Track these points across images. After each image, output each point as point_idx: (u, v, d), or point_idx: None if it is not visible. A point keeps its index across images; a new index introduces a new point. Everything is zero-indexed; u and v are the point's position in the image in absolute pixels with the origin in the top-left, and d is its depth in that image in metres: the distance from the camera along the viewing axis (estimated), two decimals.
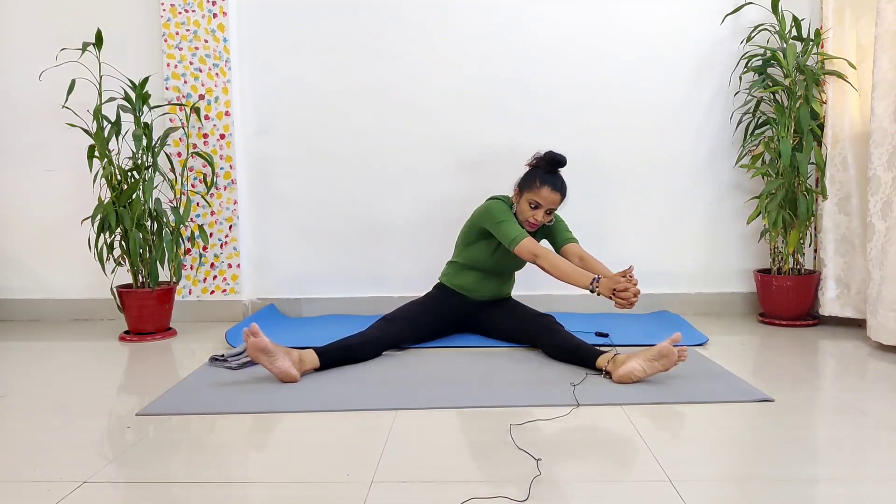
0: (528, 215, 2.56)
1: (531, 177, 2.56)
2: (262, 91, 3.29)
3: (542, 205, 2.53)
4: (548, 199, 2.52)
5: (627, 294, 2.25)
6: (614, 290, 2.27)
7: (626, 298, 2.25)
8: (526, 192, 2.56)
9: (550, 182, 2.53)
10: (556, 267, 2.41)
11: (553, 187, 2.52)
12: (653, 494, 1.44)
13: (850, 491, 1.45)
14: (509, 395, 2.07)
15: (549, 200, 2.53)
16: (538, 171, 2.56)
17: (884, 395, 2.07)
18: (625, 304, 2.26)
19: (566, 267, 2.40)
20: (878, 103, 2.60)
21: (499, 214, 2.55)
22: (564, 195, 2.58)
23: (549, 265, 2.43)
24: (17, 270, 3.41)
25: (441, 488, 1.48)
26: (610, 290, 2.28)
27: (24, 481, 1.55)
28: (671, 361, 2.11)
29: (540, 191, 2.52)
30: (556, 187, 2.53)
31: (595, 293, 2.32)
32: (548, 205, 2.54)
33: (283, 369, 2.17)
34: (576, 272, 2.38)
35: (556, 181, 2.55)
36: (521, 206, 2.58)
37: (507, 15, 3.22)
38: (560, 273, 2.40)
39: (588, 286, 2.32)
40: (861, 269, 2.89)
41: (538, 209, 2.54)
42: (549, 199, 2.52)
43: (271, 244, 3.36)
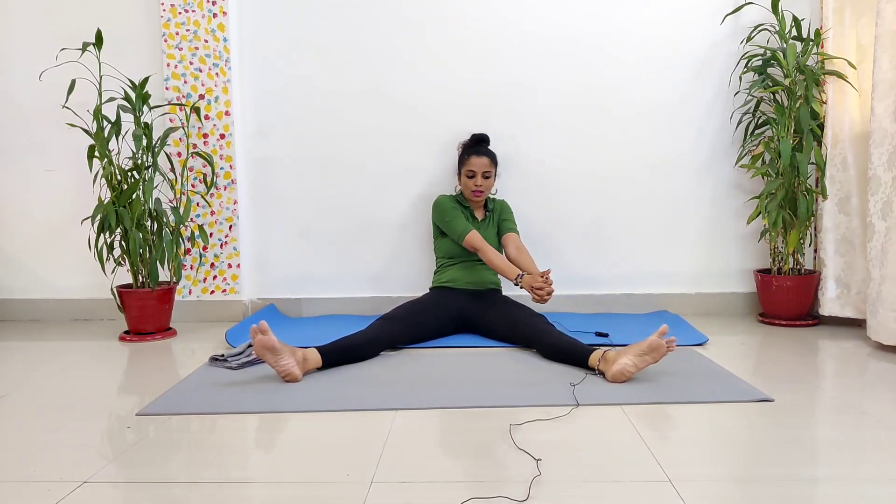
0: (469, 186, 2.89)
1: (462, 156, 2.95)
2: (262, 91, 3.29)
3: (475, 171, 2.87)
4: (477, 164, 2.87)
5: (541, 292, 2.59)
6: (532, 287, 2.60)
7: (541, 296, 2.59)
8: (462, 169, 2.92)
9: (476, 152, 2.90)
10: (490, 261, 2.76)
11: (478, 154, 2.90)
12: (653, 494, 1.44)
13: (850, 491, 1.45)
14: (509, 395, 2.07)
15: (479, 165, 2.87)
16: (465, 149, 2.97)
17: (884, 395, 2.07)
18: (539, 299, 2.59)
19: (498, 261, 2.75)
20: (878, 103, 2.60)
21: (446, 212, 2.89)
22: (493, 159, 2.92)
23: (486, 258, 2.78)
24: (17, 270, 3.41)
25: (441, 488, 1.48)
26: (529, 286, 2.62)
27: (24, 481, 1.55)
28: (660, 354, 2.12)
29: (469, 160, 2.89)
30: (481, 153, 2.90)
31: (518, 286, 2.67)
32: (480, 169, 2.87)
33: (286, 368, 2.17)
34: (506, 266, 2.72)
35: (480, 149, 2.92)
36: (463, 183, 2.93)
37: (508, 15, 3.22)
38: (493, 266, 2.76)
39: (513, 279, 2.66)
40: (861, 269, 2.89)
41: (475, 176, 2.87)
42: (478, 164, 2.87)
43: (271, 244, 3.36)
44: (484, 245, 2.78)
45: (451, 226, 2.85)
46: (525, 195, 3.27)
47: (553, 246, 3.29)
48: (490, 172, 2.89)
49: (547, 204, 3.27)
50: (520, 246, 2.90)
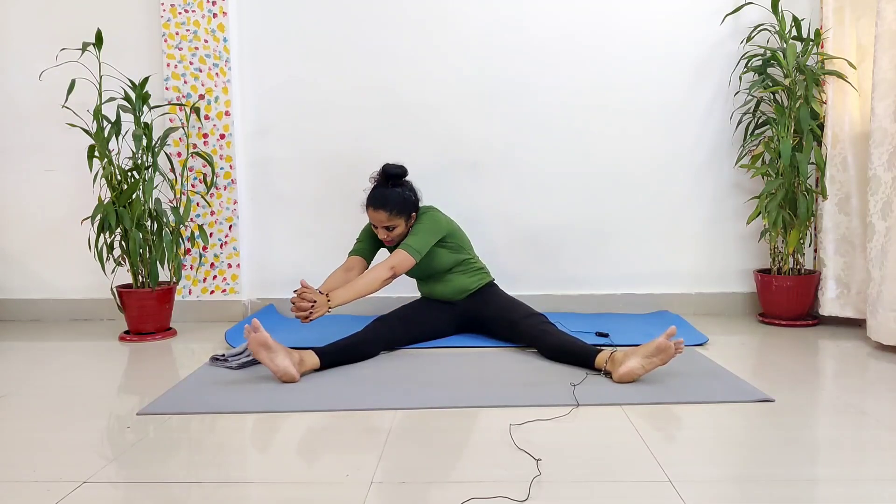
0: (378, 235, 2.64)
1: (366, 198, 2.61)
2: (262, 91, 3.29)
3: (376, 224, 2.60)
4: (374, 218, 2.58)
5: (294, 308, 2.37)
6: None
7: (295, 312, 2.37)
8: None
9: (371, 202, 2.57)
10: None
11: (374, 206, 2.56)
12: (653, 494, 1.44)
13: (850, 491, 1.45)
14: (509, 395, 2.07)
15: (375, 219, 2.58)
16: (370, 192, 2.62)
17: (884, 395, 2.07)
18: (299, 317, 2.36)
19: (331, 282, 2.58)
20: (878, 103, 2.60)
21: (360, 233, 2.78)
22: (391, 209, 2.56)
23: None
24: (17, 270, 3.41)
25: (441, 488, 1.48)
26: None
27: (24, 481, 1.55)
28: (669, 355, 2.11)
29: (368, 212, 2.60)
30: (376, 205, 2.55)
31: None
32: (378, 223, 2.58)
33: (282, 368, 2.17)
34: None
35: (376, 198, 2.56)
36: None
37: (508, 15, 3.21)
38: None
39: None
40: (861, 269, 2.89)
41: (378, 229, 2.61)
42: (374, 218, 2.58)
43: (271, 244, 3.36)
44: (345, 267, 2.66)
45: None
46: (524, 195, 3.27)
47: (553, 246, 3.29)
48: (394, 224, 2.57)
49: (547, 204, 3.27)
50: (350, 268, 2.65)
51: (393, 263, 2.52)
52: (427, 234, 2.61)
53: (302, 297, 2.36)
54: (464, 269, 2.74)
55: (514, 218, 3.27)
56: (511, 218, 3.28)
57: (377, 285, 2.50)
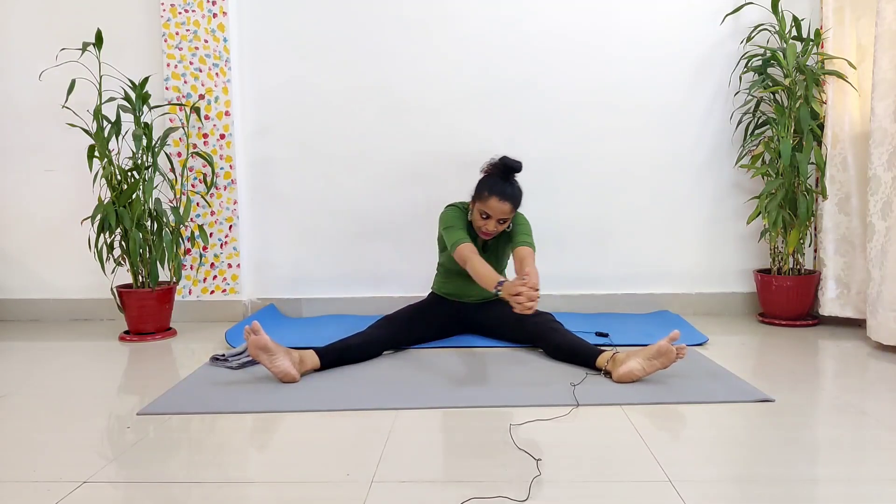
0: (479, 224, 2.51)
1: (482, 186, 2.50)
2: (262, 91, 3.29)
3: (491, 215, 2.47)
4: (496, 209, 2.45)
5: (520, 298, 2.12)
6: (510, 293, 2.17)
7: (521, 302, 2.12)
8: (477, 202, 2.50)
9: (499, 192, 2.45)
10: (474, 271, 2.34)
11: (501, 197, 2.44)
12: (653, 494, 1.44)
13: (850, 491, 1.45)
14: (509, 395, 2.07)
15: (497, 211, 2.45)
16: (489, 180, 2.50)
17: (884, 395, 2.07)
18: (518, 307, 2.13)
19: (482, 270, 2.32)
20: (878, 103, 2.60)
21: (446, 221, 2.55)
22: (516, 204, 2.51)
23: (471, 270, 2.36)
24: (17, 270, 3.41)
25: (441, 488, 1.48)
26: (508, 293, 2.17)
27: (24, 481, 1.55)
28: (670, 359, 2.11)
29: (488, 201, 2.45)
30: (504, 196, 2.45)
31: (499, 295, 2.21)
32: (497, 215, 2.47)
33: (282, 369, 2.17)
34: (487, 277, 2.28)
35: (505, 189, 2.46)
36: (473, 216, 2.54)
37: (508, 15, 3.22)
38: (476, 274, 2.33)
39: (493, 289, 2.23)
40: (861, 269, 2.89)
41: (489, 219, 2.48)
42: (497, 210, 2.45)
43: (271, 244, 3.36)
44: (471, 257, 2.38)
45: (448, 234, 2.52)
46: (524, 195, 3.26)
47: (553, 246, 3.28)
48: (508, 219, 2.51)
49: (547, 204, 3.27)
50: (524, 259, 2.45)
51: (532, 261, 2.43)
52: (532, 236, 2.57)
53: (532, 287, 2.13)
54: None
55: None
56: None
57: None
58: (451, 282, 2.72)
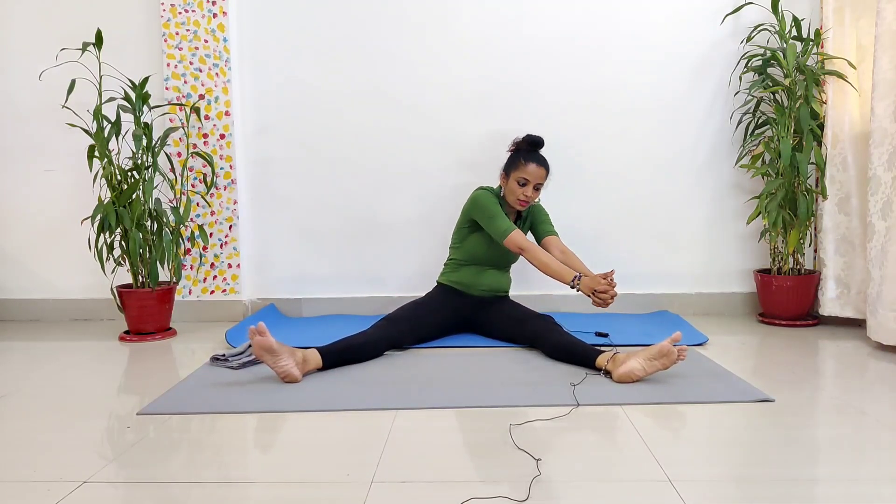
0: (518, 194, 2.65)
1: (515, 158, 2.69)
2: (262, 91, 3.29)
3: (529, 181, 2.64)
4: (534, 174, 2.64)
5: (605, 296, 2.39)
6: (594, 290, 2.41)
7: (604, 300, 2.40)
8: (513, 172, 2.67)
9: (534, 159, 2.66)
10: (542, 262, 2.52)
11: (538, 163, 2.66)
12: (653, 494, 1.44)
13: (850, 491, 1.45)
14: (509, 395, 2.07)
15: (535, 175, 2.64)
16: (521, 152, 2.70)
17: (884, 395, 2.07)
18: (601, 304, 2.41)
19: (550, 262, 2.52)
20: (878, 103, 2.60)
21: (488, 207, 2.64)
22: (548, 170, 2.71)
23: (535, 259, 2.54)
24: (17, 270, 3.41)
25: (441, 488, 1.48)
26: (590, 289, 2.42)
27: (24, 481, 1.55)
28: (671, 360, 2.11)
29: (526, 167, 2.64)
30: (540, 162, 2.67)
31: (575, 290, 2.45)
32: (535, 180, 2.65)
33: (285, 369, 2.17)
34: (560, 268, 2.50)
35: (539, 157, 2.69)
36: (510, 187, 2.68)
37: (508, 15, 3.22)
38: (544, 267, 2.52)
39: (570, 282, 2.45)
40: (861, 269, 2.89)
41: (527, 185, 2.65)
42: (535, 174, 2.64)
43: (271, 244, 3.36)
44: (531, 245, 2.56)
45: (492, 222, 2.60)
46: None
47: None
48: (542, 184, 2.69)
49: (546, 204, 3.25)
50: (564, 249, 2.73)
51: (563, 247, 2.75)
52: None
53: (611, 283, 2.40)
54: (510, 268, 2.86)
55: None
56: None
57: None
58: (462, 271, 2.76)
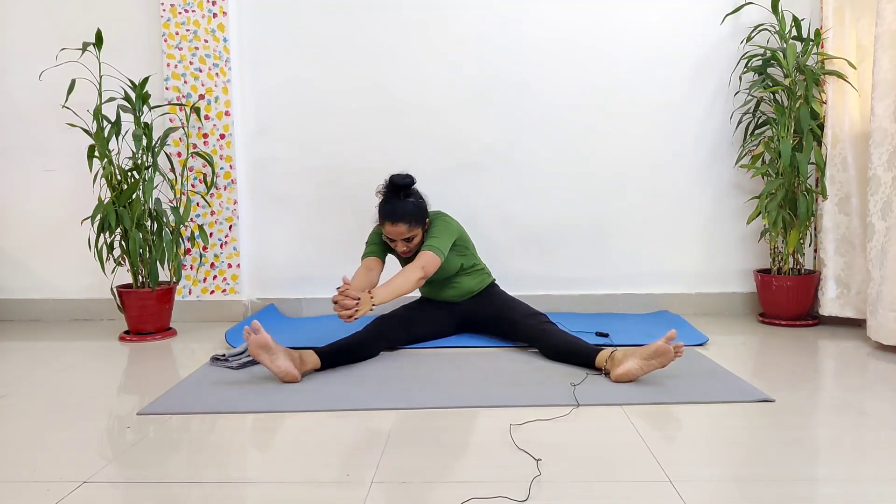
0: (395, 247, 2.58)
1: (378, 212, 2.55)
2: (262, 91, 3.28)
3: (394, 238, 2.53)
4: (392, 232, 2.51)
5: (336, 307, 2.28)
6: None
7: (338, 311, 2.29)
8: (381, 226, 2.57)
9: (388, 215, 2.49)
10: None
11: (392, 220, 2.49)
12: (653, 494, 1.44)
13: (850, 491, 1.45)
14: (509, 395, 2.07)
15: (393, 233, 2.51)
16: (382, 205, 2.55)
17: (884, 395, 2.07)
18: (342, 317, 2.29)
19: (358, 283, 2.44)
20: (878, 103, 2.60)
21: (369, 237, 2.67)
22: (410, 220, 2.50)
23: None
24: (17, 270, 3.41)
25: (441, 488, 1.48)
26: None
27: (24, 481, 1.55)
28: (668, 359, 2.11)
29: (385, 227, 2.52)
30: (395, 219, 2.48)
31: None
32: (396, 237, 2.51)
33: (284, 368, 2.17)
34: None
35: (395, 210, 2.49)
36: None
37: (508, 15, 3.21)
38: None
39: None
40: (861, 269, 2.89)
41: (395, 242, 2.55)
42: (393, 232, 2.51)
43: (271, 244, 3.36)
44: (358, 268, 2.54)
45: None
46: (524, 195, 3.27)
47: (553, 246, 3.29)
48: (413, 234, 2.52)
49: (547, 204, 3.27)
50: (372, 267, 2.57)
51: (422, 263, 2.47)
52: (446, 237, 2.58)
53: (346, 296, 2.28)
54: (469, 272, 2.73)
55: (515, 218, 3.28)
56: (511, 218, 3.28)
57: (412, 285, 2.45)
58: (426, 288, 2.75)
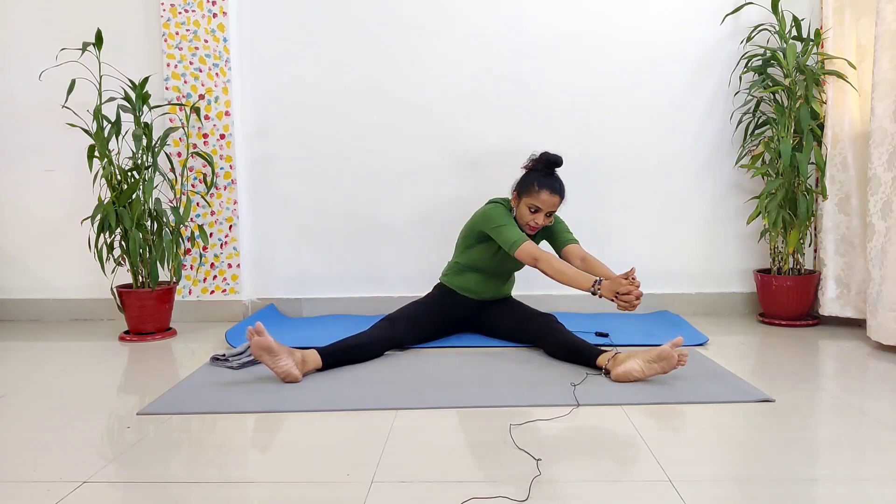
0: (528, 219, 2.55)
1: (528, 180, 2.55)
2: (262, 91, 3.29)
3: (541, 209, 2.52)
4: (547, 202, 2.51)
5: (630, 297, 2.24)
6: (617, 293, 2.26)
7: (629, 301, 2.24)
8: (524, 197, 2.54)
9: (548, 185, 2.51)
10: (557, 270, 2.39)
11: (552, 190, 2.51)
12: (653, 494, 1.44)
13: (850, 491, 1.45)
14: (509, 395, 2.07)
15: (548, 204, 2.52)
16: (535, 175, 2.55)
17: (884, 395, 2.07)
18: (627, 306, 2.25)
19: (567, 270, 2.39)
20: (878, 103, 2.60)
21: (498, 219, 2.54)
22: (563, 196, 2.57)
23: (550, 269, 2.41)
24: (17, 270, 3.41)
25: (441, 488, 1.48)
26: (612, 293, 2.27)
27: (24, 481, 1.55)
28: (671, 365, 2.11)
29: (539, 195, 2.50)
30: (554, 190, 2.52)
31: (597, 296, 2.31)
32: (547, 208, 2.53)
33: (285, 369, 2.17)
34: (577, 275, 2.36)
35: (553, 183, 2.53)
36: (520, 211, 2.57)
37: (508, 15, 3.22)
38: (561, 276, 2.38)
39: (590, 289, 2.31)
40: (861, 269, 2.89)
41: (538, 213, 2.53)
42: (548, 203, 2.51)
43: (271, 244, 3.36)
44: (545, 255, 2.42)
45: (501, 232, 2.50)
46: None
47: None
48: (555, 212, 2.57)
49: None
50: (585, 256, 2.59)
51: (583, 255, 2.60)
52: None
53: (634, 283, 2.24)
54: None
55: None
56: None
57: None
58: (465, 277, 2.70)
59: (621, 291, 2.25)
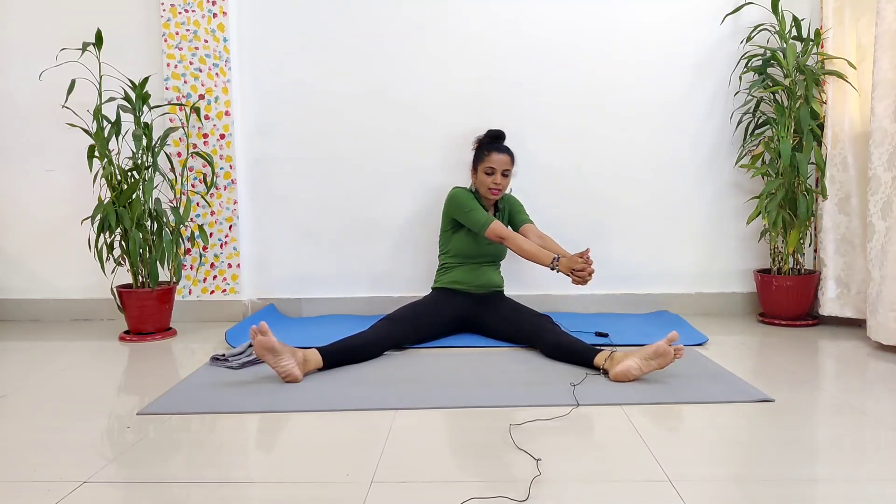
0: (487, 183, 2.77)
1: (479, 151, 2.83)
2: (262, 91, 3.29)
3: (496, 168, 2.76)
4: (499, 161, 2.76)
5: (583, 273, 2.49)
6: (572, 269, 2.50)
7: (583, 277, 2.49)
8: (479, 165, 2.80)
9: (496, 148, 2.79)
10: (521, 248, 2.63)
11: (499, 151, 2.79)
12: (653, 494, 1.44)
13: (850, 491, 1.45)
14: (509, 395, 2.07)
15: (500, 162, 2.76)
16: (484, 145, 2.84)
17: (884, 395, 2.07)
18: (581, 281, 2.50)
19: (530, 247, 2.63)
20: (878, 103, 2.60)
21: (465, 203, 2.76)
22: (513, 157, 2.82)
23: (515, 246, 2.65)
24: (17, 270, 3.41)
25: (441, 488, 1.48)
26: (569, 269, 2.52)
27: (24, 481, 1.55)
28: (667, 360, 2.12)
29: (490, 157, 2.76)
30: (502, 150, 2.80)
31: (555, 271, 2.55)
32: (501, 167, 2.76)
33: (287, 369, 2.17)
34: (539, 252, 2.61)
35: (500, 146, 2.81)
36: (479, 180, 2.80)
37: (508, 16, 3.22)
38: (524, 253, 2.62)
39: (549, 264, 2.55)
40: (861, 269, 2.89)
41: (494, 174, 2.76)
42: (500, 162, 2.76)
43: (271, 244, 3.36)
44: (510, 233, 2.68)
45: (470, 216, 2.72)
46: (523, 195, 3.25)
47: None
48: (509, 170, 2.79)
49: (546, 204, 3.26)
50: (541, 234, 2.85)
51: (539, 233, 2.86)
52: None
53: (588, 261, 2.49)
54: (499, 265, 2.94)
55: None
56: None
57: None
58: (455, 271, 2.82)
59: (576, 268, 2.50)
